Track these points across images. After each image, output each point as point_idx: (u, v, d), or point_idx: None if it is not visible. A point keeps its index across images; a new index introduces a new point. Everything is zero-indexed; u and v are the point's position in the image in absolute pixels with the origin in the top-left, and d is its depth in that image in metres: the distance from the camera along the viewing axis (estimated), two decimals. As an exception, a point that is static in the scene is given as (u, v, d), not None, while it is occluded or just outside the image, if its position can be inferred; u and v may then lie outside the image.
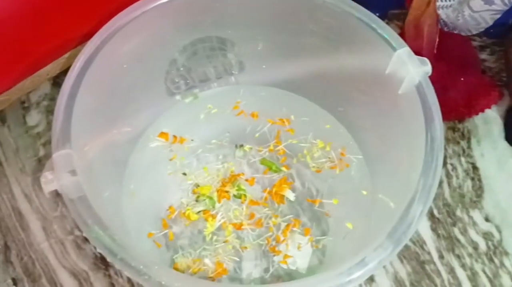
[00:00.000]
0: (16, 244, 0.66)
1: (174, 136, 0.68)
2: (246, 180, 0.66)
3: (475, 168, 0.72)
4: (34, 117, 0.74)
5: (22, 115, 0.75)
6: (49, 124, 0.74)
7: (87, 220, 0.42)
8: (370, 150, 0.63)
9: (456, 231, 0.68)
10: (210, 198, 0.64)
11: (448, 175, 0.71)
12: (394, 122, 0.56)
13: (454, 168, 0.72)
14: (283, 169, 0.66)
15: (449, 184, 0.71)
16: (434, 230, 0.67)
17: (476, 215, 0.69)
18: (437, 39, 0.70)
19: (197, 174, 0.67)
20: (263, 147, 0.68)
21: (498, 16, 0.70)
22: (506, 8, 0.68)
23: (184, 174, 0.67)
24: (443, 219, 0.68)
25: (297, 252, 0.61)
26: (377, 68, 0.55)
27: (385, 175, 0.59)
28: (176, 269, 0.60)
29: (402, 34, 0.67)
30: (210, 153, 0.68)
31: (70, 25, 0.65)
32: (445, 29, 0.73)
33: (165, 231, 0.62)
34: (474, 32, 0.75)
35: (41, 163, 0.71)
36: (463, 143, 0.74)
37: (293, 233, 0.62)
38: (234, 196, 0.65)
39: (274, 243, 0.62)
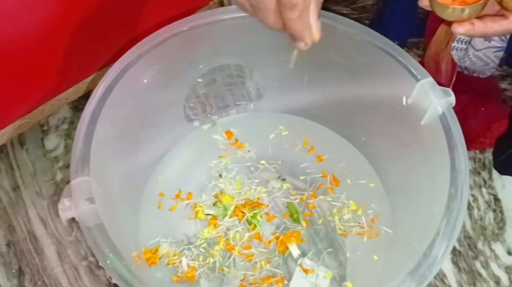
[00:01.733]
0: (30, 268, 0.65)
1: (236, 140, 0.70)
2: (266, 213, 0.65)
3: (496, 199, 0.71)
4: (52, 141, 0.75)
5: (40, 138, 0.75)
6: (66, 148, 0.74)
7: (103, 249, 0.42)
8: (391, 181, 0.62)
9: (477, 265, 0.66)
10: (225, 209, 0.64)
11: (469, 207, 0.70)
12: (416, 153, 0.55)
13: (475, 199, 0.71)
14: (303, 223, 0.64)
15: (470, 216, 0.69)
16: (455, 263, 0.66)
17: (498, 248, 0.67)
18: (454, 77, 0.70)
19: (230, 181, 0.67)
20: (298, 192, 0.66)
21: (501, 53, 0.70)
22: (504, 44, 0.68)
23: (220, 175, 0.67)
24: (464, 252, 0.67)
25: None
26: (399, 97, 0.54)
27: (406, 208, 0.58)
28: (155, 251, 0.59)
29: (421, 63, 0.67)
30: (255, 170, 0.68)
31: (91, 51, 0.66)
32: (465, 72, 0.73)
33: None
34: (488, 74, 0.74)
35: (58, 186, 0.71)
36: (484, 174, 0.73)
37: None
38: (247, 220, 0.64)
39: (248, 283, 0.61)
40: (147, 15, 0.67)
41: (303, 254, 0.62)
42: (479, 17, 0.47)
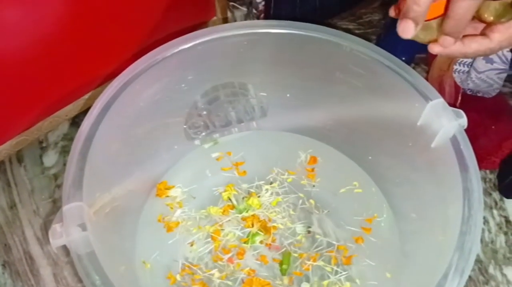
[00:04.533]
0: (26, 291, 0.64)
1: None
2: (267, 244, 0.63)
3: (508, 221, 0.68)
4: (51, 158, 0.73)
5: (39, 155, 0.73)
6: (66, 165, 0.72)
7: (94, 280, 0.40)
8: (400, 206, 0.60)
9: (489, 290, 0.64)
10: (244, 209, 0.64)
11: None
12: (426, 177, 0.53)
13: (486, 221, 0.68)
14: (286, 280, 0.60)
15: (481, 239, 0.67)
16: (465, 288, 0.63)
17: (510, 273, 0.64)
18: (460, 98, 0.69)
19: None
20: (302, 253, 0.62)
21: (505, 75, 0.68)
22: (506, 66, 0.66)
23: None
24: (475, 277, 0.64)
25: None
26: (408, 118, 0.52)
27: (416, 235, 0.55)
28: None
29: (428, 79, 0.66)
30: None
31: (90, 67, 0.65)
32: (468, 92, 0.72)
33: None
34: (493, 94, 0.73)
35: (55, 204, 0.70)
36: (495, 195, 0.71)
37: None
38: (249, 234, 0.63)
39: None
40: (148, 32, 0.67)
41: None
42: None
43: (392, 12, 0.48)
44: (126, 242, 0.57)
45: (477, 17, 0.45)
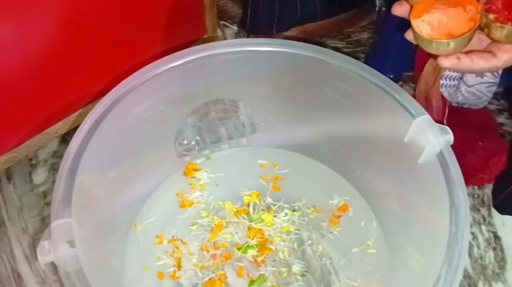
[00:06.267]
0: (13, 310, 0.63)
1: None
2: (255, 261, 0.62)
3: (496, 237, 0.69)
4: (40, 175, 0.73)
5: (28, 172, 0.73)
6: (55, 182, 0.72)
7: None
8: (389, 220, 0.60)
9: (478, 306, 0.64)
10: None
11: (468, 245, 0.68)
12: (414, 192, 0.53)
13: (475, 237, 0.69)
14: None
15: (470, 254, 0.67)
16: (455, 305, 0.63)
17: (500, 289, 0.64)
18: (447, 112, 0.69)
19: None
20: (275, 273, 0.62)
21: (494, 87, 0.69)
22: (497, 80, 0.67)
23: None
24: (465, 293, 0.64)
25: None
26: (395, 134, 0.53)
27: (404, 248, 0.55)
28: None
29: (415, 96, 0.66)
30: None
31: (80, 85, 0.65)
32: (454, 104, 0.73)
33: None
34: (481, 106, 0.73)
35: (44, 222, 0.69)
36: (484, 211, 0.71)
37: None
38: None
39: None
40: (139, 50, 0.67)
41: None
42: (466, 52, 0.46)
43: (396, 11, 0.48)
44: (115, 259, 0.57)
45: (487, 35, 0.46)
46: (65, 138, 0.75)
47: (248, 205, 0.65)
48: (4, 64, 0.56)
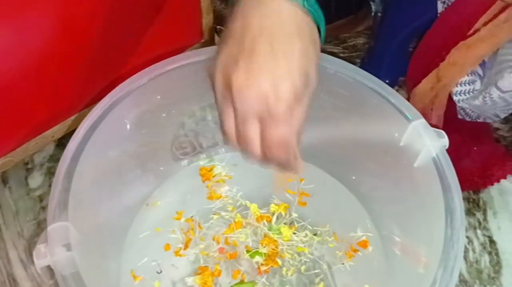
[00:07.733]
0: (8, 315, 0.62)
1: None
2: (258, 268, 0.62)
3: (492, 241, 0.69)
4: (36, 179, 0.73)
5: (24, 176, 0.73)
6: (51, 187, 0.72)
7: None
8: (384, 224, 0.61)
9: (474, 311, 0.64)
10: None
11: (464, 249, 0.68)
12: (410, 196, 0.54)
13: (470, 241, 0.69)
14: None
15: (466, 259, 0.67)
16: (451, 309, 0.63)
17: (495, 293, 0.65)
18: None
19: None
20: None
21: None
22: None
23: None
24: (460, 297, 0.65)
25: None
26: (390, 138, 0.53)
27: (400, 252, 0.56)
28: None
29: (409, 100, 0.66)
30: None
31: (76, 89, 0.65)
32: (467, 118, 0.71)
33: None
34: (502, 116, 0.70)
35: (40, 226, 0.69)
36: (479, 215, 0.71)
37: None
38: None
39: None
40: (136, 54, 0.67)
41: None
42: None
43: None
44: (112, 262, 0.57)
45: None
46: (62, 142, 0.75)
47: (273, 214, 0.64)
48: (1, 67, 0.56)
